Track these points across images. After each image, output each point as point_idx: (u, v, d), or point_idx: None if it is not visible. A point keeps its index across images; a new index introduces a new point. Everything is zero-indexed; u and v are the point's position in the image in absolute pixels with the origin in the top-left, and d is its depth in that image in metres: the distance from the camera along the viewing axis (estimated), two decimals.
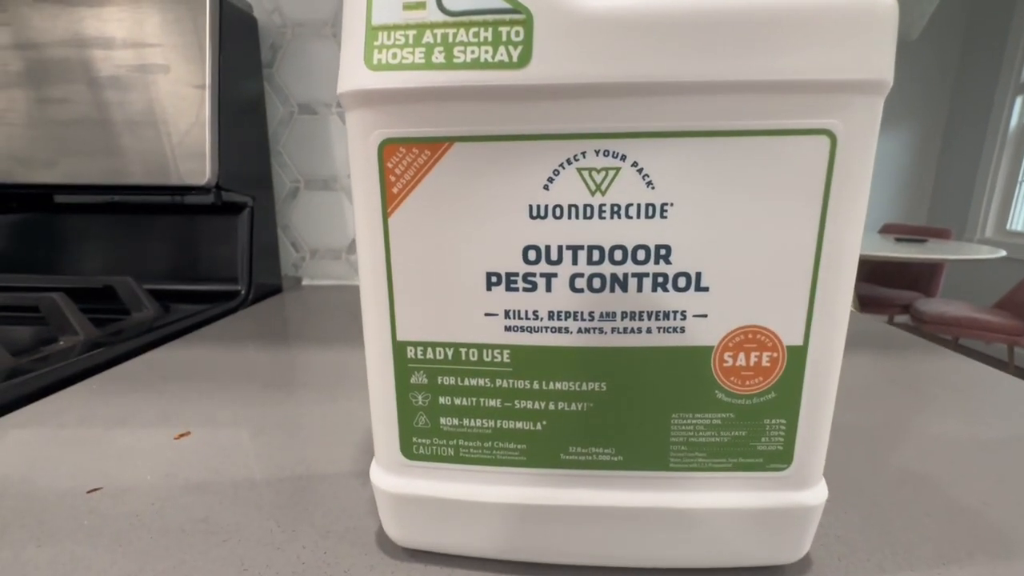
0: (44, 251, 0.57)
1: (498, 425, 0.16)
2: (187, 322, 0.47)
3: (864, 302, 2.66)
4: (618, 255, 0.14)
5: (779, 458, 0.16)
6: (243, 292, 0.55)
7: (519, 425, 0.16)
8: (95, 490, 0.22)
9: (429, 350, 0.16)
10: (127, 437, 0.27)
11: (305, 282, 0.66)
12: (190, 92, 0.49)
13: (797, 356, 0.15)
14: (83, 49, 0.49)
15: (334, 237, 0.65)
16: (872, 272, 2.92)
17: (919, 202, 3.58)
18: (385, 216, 0.15)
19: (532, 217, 0.14)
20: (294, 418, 0.29)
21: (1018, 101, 2.99)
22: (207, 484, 0.22)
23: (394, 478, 0.17)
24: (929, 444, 0.26)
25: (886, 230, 3.06)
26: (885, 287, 2.84)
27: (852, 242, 0.14)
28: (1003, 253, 2.23)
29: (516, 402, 0.16)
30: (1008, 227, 3.03)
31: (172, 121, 0.49)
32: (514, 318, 0.15)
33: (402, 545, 0.18)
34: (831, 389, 0.15)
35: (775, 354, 0.15)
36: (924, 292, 2.74)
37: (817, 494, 0.16)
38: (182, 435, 0.27)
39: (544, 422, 0.16)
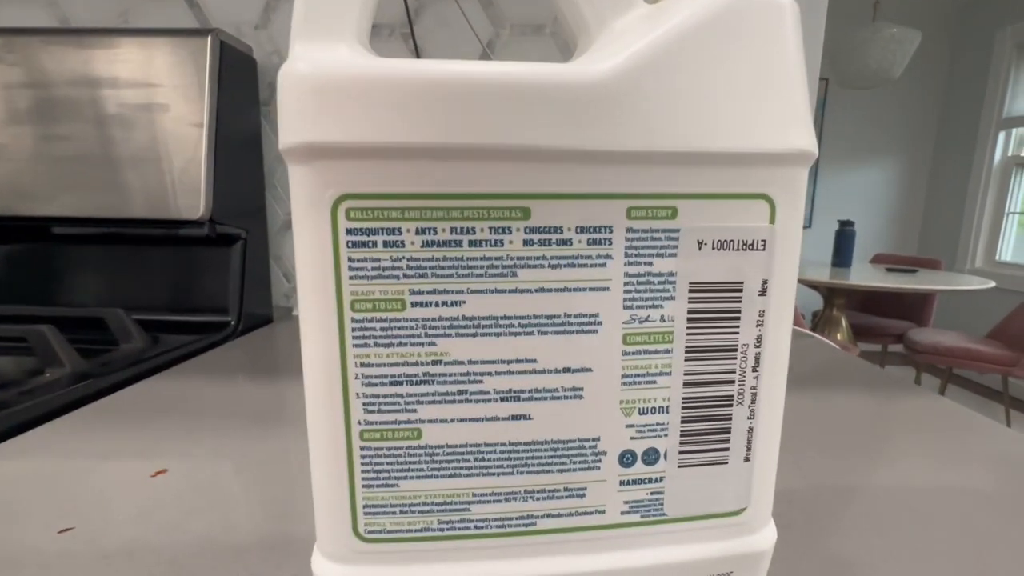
0: (40, 281, 0.58)
1: None
2: (175, 353, 0.48)
3: (857, 331, 2.67)
4: None
5: None
6: (233, 323, 0.56)
7: None
8: (66, 530, 0.22)
9: None
10: (105, 474, 0.27)
11: (296, 312, 0.67)
12: (188, 130, 0.51)
13: None
14: (88, 88, 0.51)
15: None
16: (865, 301, 2.94)
17: (909, 233, 3.63)
18: None
19: None
20: (278, 454, 0.30)
21: (1001, 136, 3.07)
22: (178, 525, 0.23)
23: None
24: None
25: (877, 260, 3.09)
26: (878, 316, 2.85)
27: None
28: (993, 284, 2.25)
29: None
30: (997, 258, 3.07)
31: (170, 158, 0.51)
32: None
33: None
34: None
35: None
36: (917, 321, 2.75)
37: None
38: (159, 472, 0.27)
39: None
